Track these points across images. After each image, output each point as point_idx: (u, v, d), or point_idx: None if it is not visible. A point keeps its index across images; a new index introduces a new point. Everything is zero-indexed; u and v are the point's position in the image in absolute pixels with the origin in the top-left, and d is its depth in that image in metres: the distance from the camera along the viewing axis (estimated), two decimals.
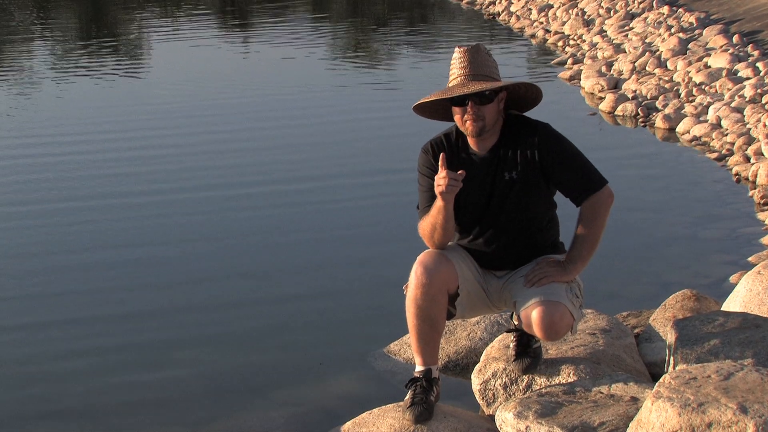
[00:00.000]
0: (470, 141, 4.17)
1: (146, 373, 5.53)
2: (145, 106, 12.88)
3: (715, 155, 9.66)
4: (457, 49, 4.14)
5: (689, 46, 13.90)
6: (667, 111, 11.15)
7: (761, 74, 11.69)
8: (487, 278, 4.25)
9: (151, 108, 12.78)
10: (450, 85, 4.11)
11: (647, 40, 15.02)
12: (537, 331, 4.05)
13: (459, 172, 4.01)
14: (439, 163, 4.02)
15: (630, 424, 3.63)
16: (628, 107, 11.56)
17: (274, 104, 13.10)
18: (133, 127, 11.51)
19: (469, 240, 4.23)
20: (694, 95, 11.70)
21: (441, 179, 3.99)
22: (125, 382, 5.41)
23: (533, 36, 18.52)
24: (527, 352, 4.40)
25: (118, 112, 12.57)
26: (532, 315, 4.03)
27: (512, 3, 21.68)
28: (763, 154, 9.13)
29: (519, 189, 4.10)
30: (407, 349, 5.42)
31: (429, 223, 4.13)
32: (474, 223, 4.18)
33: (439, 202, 4.05)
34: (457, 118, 4.11)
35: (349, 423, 4.37)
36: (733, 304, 5.06)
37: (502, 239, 4.19)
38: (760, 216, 7.85)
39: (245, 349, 5.81)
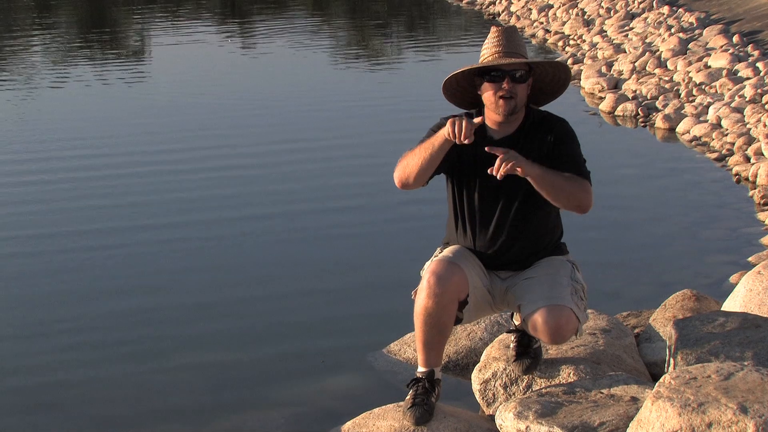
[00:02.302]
0: (489, 123, 4.14)
1: (146, 373, 5.53)
2: (145, 118, 12.62)
3: (715, 155, 9.66)
4: (493, 28, 4.14)
5: (689, 46, 13.90)
6: (667, 111, 11.15)
7: (761, 74, 11.69)
8: (492, 280, 4.24)
9: (151, 117, 12.58)
10: (484, 61, 4.08)
11: (647, 40, 15.03)
12: (543, 335, 4.04)
13: (476, 119, 3.95)
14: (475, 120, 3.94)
15: (630, 424, 3.62)
16: (628, 107, 11.56)
17: (275, 110, 13.09)
18: (133, 140, 11.15)
19: (475, 235, 4.20)
20: (694, 95, 11.70)
21: (463, 136, 3.88)
22: (125, 383, 5.41)
23: (533, 36, 18.53)
24: (527, 352, 4.39)
25: (119, 121, 12.43)
26: (538, 319, 4.01)
27: (512, 3, 21.69)
28: (763, 154, 9.13)
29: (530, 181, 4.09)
30: (407, 349, 5.42)
31: (413, 154, 4.05)
32: (482, 212, 4.16)
33: (440, 141, 3.96)
34: (488, 94, 4.07)
35: (349, 423, 4.37)
36: (733, 304, 5.06)
37: (508, 236, 4.16)
38: (760, 216, 7.85)
39: (245, 349, 5.81)
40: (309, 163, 9.91)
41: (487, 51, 4.10)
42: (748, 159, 9.20)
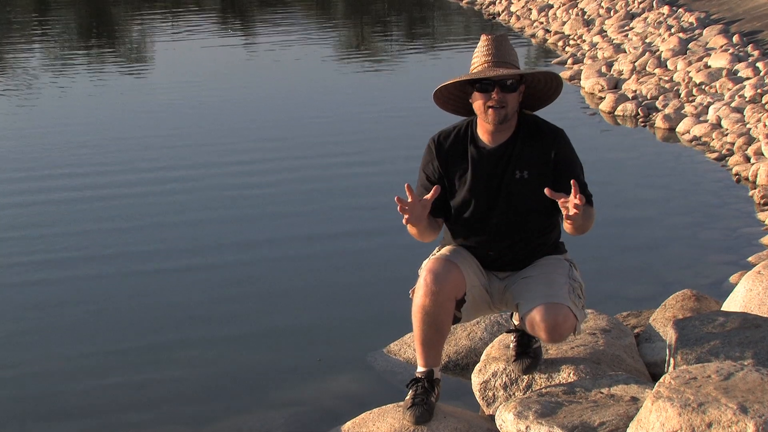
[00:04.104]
0: (482, 133, 4.15)
1: (146, 373, 5.53)
2: (147, 118, 12.65)
3: (715, 155, 9.67)
4: (483, 36, 4.14)
5: (689, 46, 13.91)
6: (667, 111, 11.15)
7: (761, 74, 11.70)
8: (491, 280, 4.24)
9: (152, 118, 12.58)
10: (474, 71, 4.09)
11: (647, 40, 15.03)
12: (540, 333, 4.04)
13: (427, 196, 3.97)
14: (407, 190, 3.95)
15: (630, 424, 3.63)
16: (628, 107, 11.56)
17: (276, 116, 13.10)
18: (135, 146, 10.98)
19: (473, 239, 4.21)
20: (694, 95, 11.70)
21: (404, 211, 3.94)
22: (125, 383, 5.41)
23: (533, 36, 18.53)
24: (527, 352, 4.39)
25: (119, 122, 12.46)
26: (536, 317, 4.01)
27: (512, 3, 21.70)
28: (763, 154, 9.13)
29: (528, 189, 4.08)
30: (407, 349, 5.42)
31: (409, 232, 4.15)
32: (479, 221, 4.16)
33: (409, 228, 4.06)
34: (478, 104, 4.08)
35: (349, 423, 4.36)
36: (733, 304, 5.06)
37: (506, 239, 4.17)
38: (760, 216, 7.85)
39: (245, 349, 5.80)
40: (309, 168, 9.90)
41: (477, 60, 4.10)
42: (748, 159, 9.21)
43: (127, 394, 5.29)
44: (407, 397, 4.18)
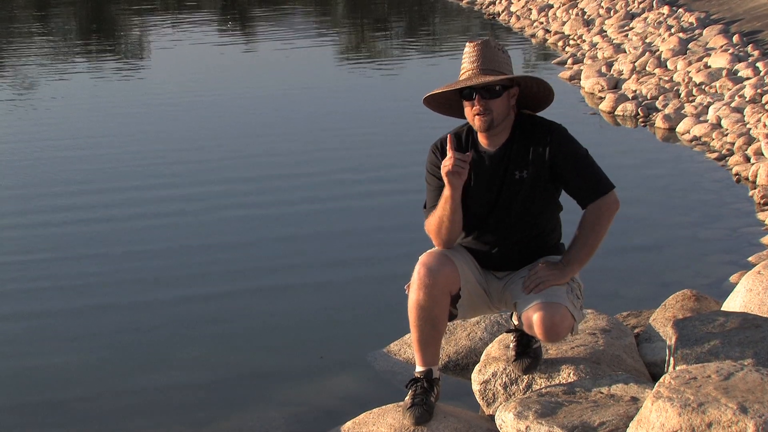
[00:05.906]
0: (480, 138, 4.15)
1: (146, 373, 5.53)
2: (147, 118, 12.71)
3: (715, 155, 9.66)
4: (468, 43, 4.13)
5: (689, 46, 13.91)
6: (667, 111, 11.15)
7: (761, 74, 11.70)
8: (488, 279, 4.24)
9: (152, 118, 12.62)
10: (460, 79, 4.09)
11: (647, 40, 15.03)
12: (538, 332, 4.04)
13: (467, 153, 4.01)
14: (447, 145, 4.00)
15: (630, 424, 3.63)
16: (628, 107, 11.56)
17: (276, 112, 13.10)
18: (137, 148, 11.01)
19: (472, 239, 4.21)
20: (694, 95, 11.70)
21: (448, 160, 3.98)
22: (125, 383, 5.41)
23: (533, 36, 18.53)
24: (527, 352, 4.39)
25: (119, 121, 12.52)
26: (533, 317, 4.01)
27: (512, 3, 21.70)
28: (763, 154, 9.13)
29: (528, 189, 4.09)
30: (407, 349, 5.42)
31: (437, 217, 4.11)
32: (479, 222, 4.17)
33: (446, 191, 4.02)
34: (466, 111, 4.10)
35: (349, 423, 4.37)
36: (733, 304, 5.06)
37: (506, 240, 4.17)
38: (760, 216, 7.85)
39: (245, 349, 5.81)
40: (310, 163, 9.91)
41: (462, 68, 4.11)
42: (748, 159, 9.21)
43: (128, 394, 5.29)
44: (407, 398, 4.18)
